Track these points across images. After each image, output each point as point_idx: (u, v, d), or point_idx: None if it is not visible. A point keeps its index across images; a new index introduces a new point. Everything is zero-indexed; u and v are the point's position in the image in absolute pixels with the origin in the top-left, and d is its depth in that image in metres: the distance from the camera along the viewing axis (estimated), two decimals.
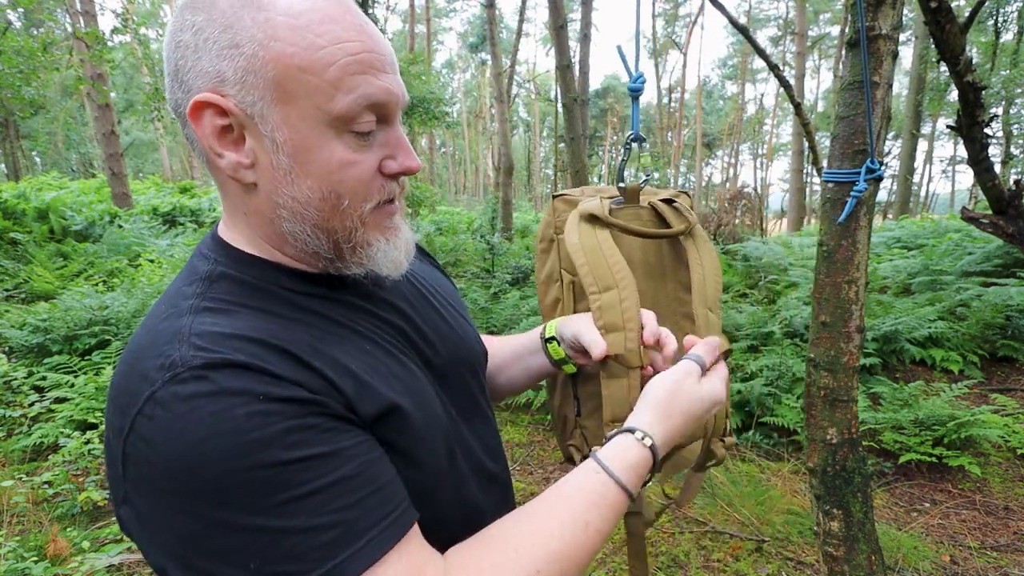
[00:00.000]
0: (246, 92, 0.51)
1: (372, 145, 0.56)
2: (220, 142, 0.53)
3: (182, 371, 0.45)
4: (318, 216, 0.55)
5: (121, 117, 22.49)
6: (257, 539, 0.44)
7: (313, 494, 0.45)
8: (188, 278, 0.56)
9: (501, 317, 5.07)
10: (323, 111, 0.52)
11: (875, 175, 1.37)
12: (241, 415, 0.44)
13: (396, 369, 0.59)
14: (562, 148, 17.06)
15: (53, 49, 7.63)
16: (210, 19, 0.51)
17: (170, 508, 0.44)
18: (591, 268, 0.82)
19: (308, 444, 0.46)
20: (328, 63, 0.51)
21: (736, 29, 2.60)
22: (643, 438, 0.61)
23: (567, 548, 0.54)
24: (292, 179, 0.53)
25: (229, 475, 0.43)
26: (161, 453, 0.44)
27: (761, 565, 2.39)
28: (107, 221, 8.49)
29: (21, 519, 2.69)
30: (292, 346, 0.50)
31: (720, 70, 42.62)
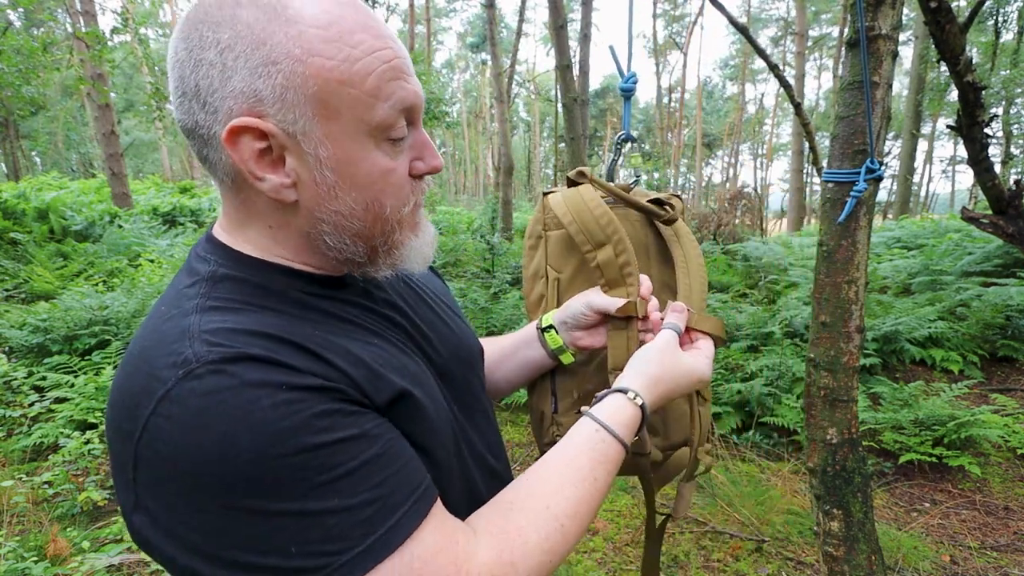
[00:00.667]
0: (286, 111, 0.50)
1: (403, 149, 0.57)
2: (259, 165, 0.52)
3: (197, 367, 0.44)
4: (361, 226, 0.56)
5: (121, 117, 22.50)
6: (296, 523, 0.44)
7: (347, 475, 0.46)
8: (188, 279, 0.56)
9: (501, 317, 5.07)
10: (364, 122, 0.52)
11: (875, 175, 1.37)
12: (267, 405, 0.44)
13: (405, 361, 0.59)
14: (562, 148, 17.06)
15: (53, 49, 7.63)
16: (237, 36, 0.49)
17: (196, 505, 0.43)
18: (580, 225, 0.82)
19: (335, 428, 0.46)
20: (366, 74, 0.51)
21: (736, 29, 2.60)
22: (635, 397, 0.66)
23: (581, 501, 0.57)
24: (336, 193, 0.53)
25: (263, 465, 0.43)
26: (184, 451, 0.43)
27: (761, 565, 2.39)
28: (107, 221, 8.49)
29: (21, 519, 2.69)
30: (302, 340, 0.50)
31: (721, 70, 42.64)
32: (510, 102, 18.63)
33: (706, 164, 43.25)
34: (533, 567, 0.52)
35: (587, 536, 2.64)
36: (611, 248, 0.80)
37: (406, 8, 21.57)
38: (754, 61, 32.12)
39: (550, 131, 37.59)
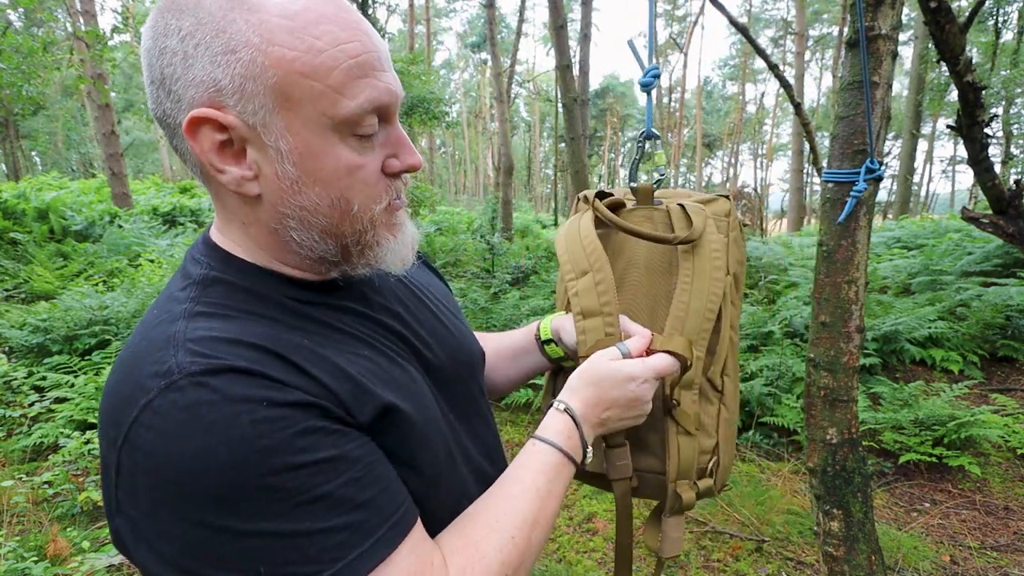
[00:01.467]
0: (246, 101, 0.49)
1: (375, 146, 0.55)
2: (220, 157, 0.51)
3: (179, 378, 0.44)
4: (327, 222, 0.54)
5: (121, 117, 22.50)
6: (267, 544, 0.43)
7: (322, 498, 0.45)
8: (181, 283, 0.55)
9: (501, 317, 5.07)
10: (328, 116, 0.50)
11: (875, 175, 1.37)
12: (247, 422, 0.43)
13: (396, 373, 0.58)
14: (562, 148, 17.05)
15: (53, 49, 7.63)
16: (198, 23, 0.48)
17: (171, 517, 0.43)
18: (569, 255, 0.81)
19: (315, 449, 0.46)
20: (331, 67, 0.49)
21: (736, 29, 2.60)
22: (558, 405, 0.67)
23: (529, 512, 0.58)
24: (299, 188, 0.52)
25: (238, 482, 0.43)
26: (162, 462, 0.43)
27: (761, 565, 2.39)
28: (107, 221, 8.49)
29: (21, 519, 2.69)
30: (289, 352, 0.49)
31: (721, 70, 42.64)
32: (510, 102, 18.64)
33: (706, 164, 43.27)
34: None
35: (587, 536, 2.64)
36: (591, 277, 0.78)
37: (406, 8, 21.58)
38: (754, 61, 32.13)
39: (550, 131, 37.59)
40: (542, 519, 0.59)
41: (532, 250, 8.09)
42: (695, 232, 0.79)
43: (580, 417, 0.66)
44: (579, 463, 0.65)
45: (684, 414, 0.78)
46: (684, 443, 0.78)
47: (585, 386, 0.69)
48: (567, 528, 2.71)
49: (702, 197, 0.87)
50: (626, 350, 0.71)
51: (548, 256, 7.63)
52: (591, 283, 0.78)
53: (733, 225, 0.85)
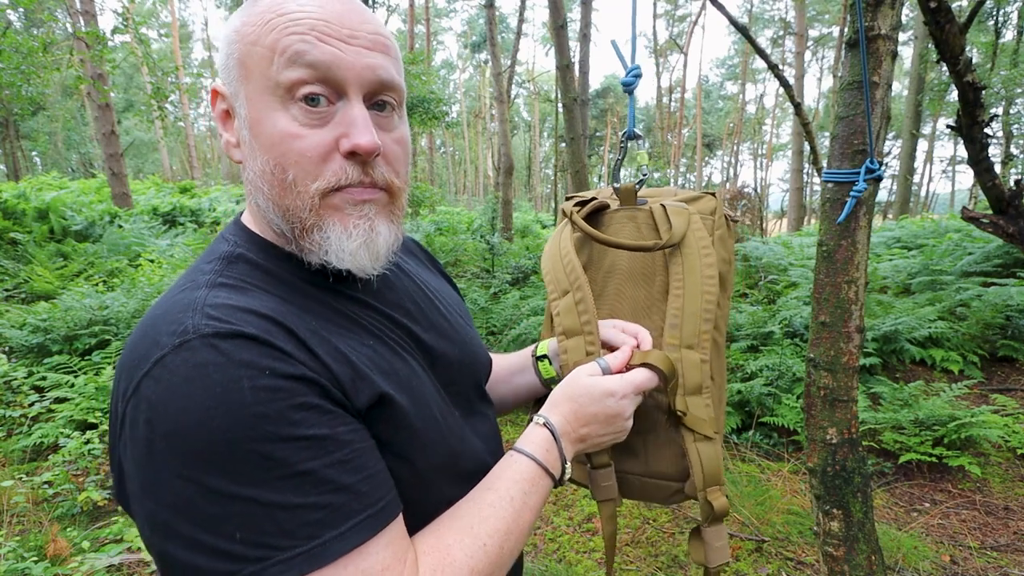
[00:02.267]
0: (228, 74, 0.57)
1: (327, 122, 0.54)
2: (223, 124, 0.60)
3: (192, 338, 0.46)
4: (270, 191, 0.56)
5: (121, 117, 22.50)
6: (247, 510, 0.44)
7: (307, 473, 0.46)
8: (208, 257, 0.59)
9: (501, 317, 5.07)
10: (268, 78, 0.54)
11: (875, 175, 1.37)
12: (247, 388, 0.45)
13: (397, 366, 0.60)
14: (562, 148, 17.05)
15: (53, 49, 7.63)
16: (227, 25, 0.59)
17: (163, 471, 0.44)
18: (552, 274, 0.82)
19: (308, 424, 0.47)
20: (270, 30, 0.54)
21: (736, 29, 2.60)
22: (538, 419, 0.68)
23: (501, 521, 0.58)
24: (253, 153, 0.56)
25: (229, 444, 0.44)
26: (163, 415, 0.44)
27: (761, 565, 2.39)
28: (107, 221, 8.49)
29: (21, 519, 2.69)
30: (296, 327, 0.51)
31: (720, 70, 42.62)
32: (510, 102, 18.63)
33: (706, 164, 43.26)
34: None
35: (587, 536, 2.64)
36: (571, 297, 0.79)
37: (406, 8, 21.57)
38: (754, 61, 32.12)
39: (550, 131, 37.59)
40: (515, 529, 0.59)
41: (532, 250, 8.08)
42: (675, 235, 0.78)
43: (559, 432, 0.67)
44: (557, 478, 0.65)
45: (699, 420, 0.76)
46: (705, 449, 0.76)
47: (564, 401, 0.69)
48: (567, 528, 2.71)
49: (687, 195, 0.86)
50: (605, 365, 0.72)
51: None
52: (571, 303, 0.78)
53: (719, 223, 0.84)
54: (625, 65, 0.86)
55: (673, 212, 0.81)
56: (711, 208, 0.84)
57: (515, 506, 0.60)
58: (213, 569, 0.44)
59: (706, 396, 0.76)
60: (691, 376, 0.76)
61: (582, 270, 0.80)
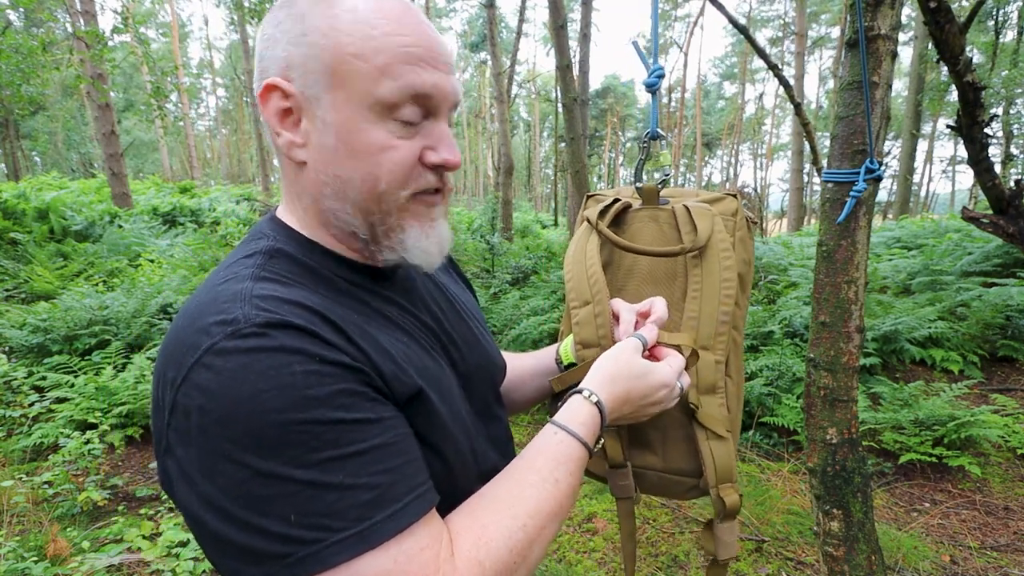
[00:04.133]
0: (306, 76, 0.56)
1: (415, 135, 0.59)
2: (281, 122, 0.58)
3: (244, 327, 0.47)
4: (357, 196, 0.58)
5: (121, 117, 22.50)
6: (300, 491, 0.45)
7: (356, 455, 0.47)
8: (248, 250, 0.60)
9: (501, 317, 5.06)
10: (369, 94, 0.55)
11: (874, 175, 1.37)
12: (299, 372, 0.46)
13: (428, 363, 0.62)
14: (562, 148, 17.05)
15: (53, 49, 7.62)
16: (289, 14, 0.57)
17: (217, 456, 0.45)
18: (575, 283, 0.82)
19: (356, 408, 0.49)
20: (378, 50, 0.55)
21: (736, 29, 2.60)
22: (589, 395, 0.67)
23: (544, 502, 0.58)
24: (337, 158, 0.57)
25: (282, 427, 0.45)
26: (218, 401, 0.45)
27: (761, 565, 2.39)
28: (107, 221, 8.49)
29: (21, 519, 2.69)
30: (340, 320, 0.53)
31: (718, 69, 42.62)
32: (510, 102, 18.63)
33: (705, 164, 43.26)
34: (500, 566, 0.53)
35: (587, 536, 2.64)
36: (592, 308, 0.80)
37: None
38: (753, 61, 32.12)
39: (550, 131, 37.59)
40: (558, 512, 0.59)
41: (532, 250, 8.09)
42: (701, 239, 0.79)
43: (607, 412, 0.66)
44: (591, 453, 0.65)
45: (712, 418, 0.78)
46: (717, 448, 0.78)
47: (620, 380, 0.69)
48: (567, 528, 2.71)
49: (709, 196, 0.87)
50: (644, 340, 0.73)
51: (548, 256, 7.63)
52: (591, 315, 0.79)
53: (740, 224, 0.85)
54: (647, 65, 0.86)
55: (697, 214, 0.82)
56: (732, 209, 0.85)
57: (560, 488, 0.59)
58: (268, 551, 0.45)
59: (719, 396, 0.79)
60: (706, 376, 0.78)
61: (605, 283, 0.81)
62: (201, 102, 44.05)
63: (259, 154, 20.55)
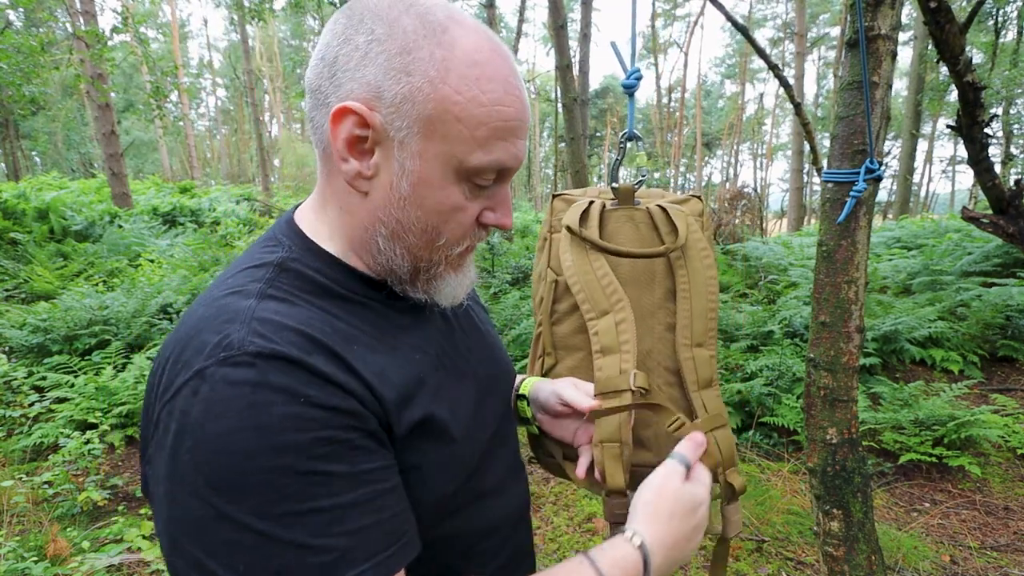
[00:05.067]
0: (397, 116, 0.52)
1: (481, 196, 0.59)
2: (351, 149, 0.54)
3: (237, 354, 0.46)
4: (413, 243, 0.57)
5: (121, 117, 22.49)
6: (255, 542, 0.44)
7: (319, 511, 0.45)
8: (260, 259, 0.58)
9: (501, 317, 5.06)
10: (459, 159, 0.54)
11: (874, 175, 1.37)
12: (278, 414, 0.45)
13: (442, 379, 0.61)
14: (562, 148, 17.05)
15: (53, 49, 7.63)
16: (390, 34, 0.52)
17: (182, 484, 0.45)
18: (587, 294, 0.82)
19: (332, 459, 0.46)
20: (482, 122, 0.53)
21: (737, 29, 2.60)
22: (632, 537, 0.59)
23: None
24: (404, 205, 0.56)
25: (249, 472, 0.44)
26: (194, 430, 0.44)
27: (761, 565, 2.39)
28: (107, 221, 8.49)
29: (21, 519, 2.69)
30: (342, 348, 0.51)
31: (718, 68, 42.63)
32: None
33: (706, 164, 43.26)
34: None
35: (587, 536, 2.64)
36: (612, 317, 0.80)
37: None
38: (753, 60, 32.13)
39: (550, 131, 37.59)
40: None
41: (532, 250, 8.09)
42: (681, 239, 0.82)
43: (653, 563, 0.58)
44: None
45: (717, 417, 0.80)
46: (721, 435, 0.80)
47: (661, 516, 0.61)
48: (567, 528, 2.71)
49: (675, 197, 0.90)
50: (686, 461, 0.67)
51: None
52: (612, 323, 0.80)
53: (706, 224, 0.89)
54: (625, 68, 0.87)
55: (675, 215, 0.84)
56: (699, 210, 0.89)
57: None
58: None
59: (716, 388, 0.82)
60: (703, 371, 0.81)
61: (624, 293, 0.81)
62: (201, 102, 44.04)
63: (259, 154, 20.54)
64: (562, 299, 0.88)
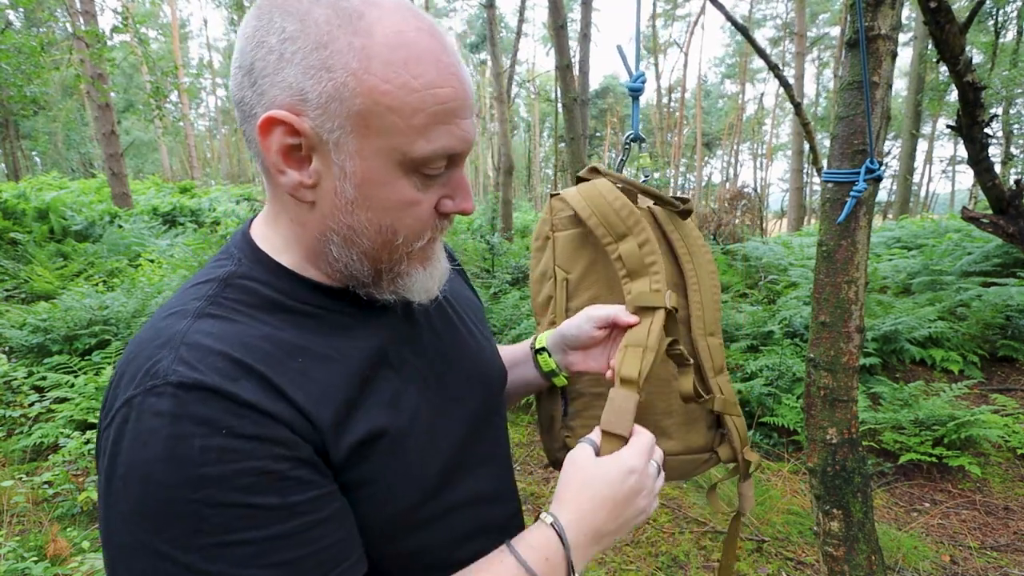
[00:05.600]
0: (327, 118, 0.49)
1: (435, 185, 0.56)
2: (286, 160, 0.51)
3: (159, 383, 0.45)
4: (369, 246, 0.55)
5: (121, 117, 22.49)
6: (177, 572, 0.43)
7: (243, 544, 0.44)
8: (208, 275, 0.56)
9: (501, 317, 5.06)
10: (400, 152, 0.51)
11: (874, 175, 1.37)
12: (197, 447, 0.43)
13: (395, 390, 0.58)
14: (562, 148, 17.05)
15: (53, 49, 7.63)
16: (303, 30, 0.48)
17: (112, 510, 0.45)
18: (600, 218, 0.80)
19: (257, 491, 0.45)
20: (417, 109, 0.49)
21: (737, 29, 2.60)
22: (546, 517, 0.59)
23: None
24: (352, 209, 0.53)
25: (168, 503, 0.43)
26: (120, 458, 0.45)
27: (761, 565, 2.39)
28: (107, 221, 8.49)
29: (21, 519, 2.69)
30: (277, 372, 0.49)
31: (718, 68, 42.63)
32: (510, 102, 18.64)
33: (706, 164, 43.26)
34: None
35: None
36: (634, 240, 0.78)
37: None
38: (753, 60, 32.13)
39: (550, 131, 37.59)
40: None
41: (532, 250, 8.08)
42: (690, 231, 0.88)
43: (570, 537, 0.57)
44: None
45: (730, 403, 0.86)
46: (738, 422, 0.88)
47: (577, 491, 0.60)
48: None
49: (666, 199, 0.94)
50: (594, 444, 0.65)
51: None
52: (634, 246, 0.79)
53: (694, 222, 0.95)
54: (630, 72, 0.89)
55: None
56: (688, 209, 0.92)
57: None
58: None
59: (727, 374, 0.88)
60: (717, 358, 0.86)
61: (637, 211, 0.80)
62: (201, 102, 44.05)
63: None
64: (575, 295, 0.88)
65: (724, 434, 0.88)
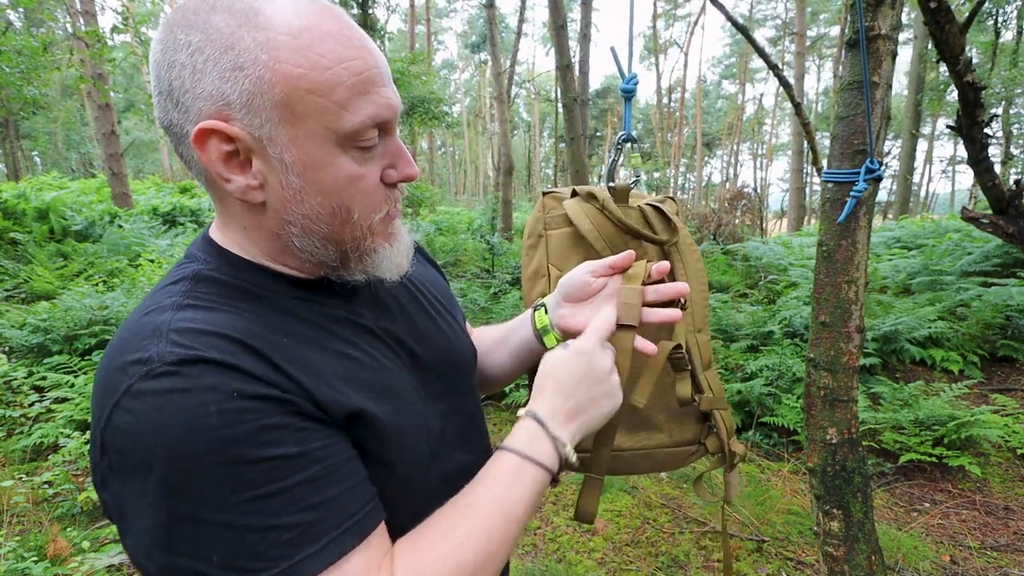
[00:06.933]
0: (253, 115, 0.51)
1: (374, 157, 0.57)
2: (227, 167, 0.53)
3: (157, 366, 0.46)
4: (328, 230, 0.56)
5: (121, 117, 22.48)
6: (220, 534, 0.45)
7: (277, 494, 0.46)
8: (176, 275, 0.57)
9: (501, 317, 5.07)
10: (331, 130, 0.52)
11: (875, 175, 1.37)
12: (214, 412, 0.45)
13: (378, 374, 0.60)
14: (562, 148, 17.06)
15: (53, 49, 7.62)
16: (207, 38, 0.50)
17: (139, 498, 0.46)
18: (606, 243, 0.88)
19: (278, 443, 0.47)
20: (335, 84, 0.51)
21: (737, 29, 2.60)
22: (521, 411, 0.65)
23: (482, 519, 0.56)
24: (302, 197, 0.54)
25: (197, 470, 0.44)
26: (136, 445, 0.45)
27: (761, 565, 2.39)
28: (107, 221, 8.49)
29: (21, 519, 2.69)
30: (266, 348, 0.51)
31: (718, 68, 42.63)
32: (510, 102, 18.63)
33: (705, 164, 43.24)
34: None
35: (587, 536, 2.64)
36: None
37: (406, 8, 21.57)
38: (752, 60, 32.13)
39: (550, 131, 37.59)
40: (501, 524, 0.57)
41: None
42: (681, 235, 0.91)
43: (544, 416, 0.63)
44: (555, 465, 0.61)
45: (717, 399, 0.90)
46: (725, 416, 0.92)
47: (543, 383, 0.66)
48: (567, 528, 2.71)
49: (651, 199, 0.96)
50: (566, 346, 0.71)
51: None
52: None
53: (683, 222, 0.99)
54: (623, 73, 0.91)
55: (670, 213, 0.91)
56: (675, 210, 0.95)
57: (497, 502, 0.58)
58: None
59: (714, 369, 0.92)
60: (705, 354, 0.90)
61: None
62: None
63: None
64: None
65: (712, 427, 0.93)
